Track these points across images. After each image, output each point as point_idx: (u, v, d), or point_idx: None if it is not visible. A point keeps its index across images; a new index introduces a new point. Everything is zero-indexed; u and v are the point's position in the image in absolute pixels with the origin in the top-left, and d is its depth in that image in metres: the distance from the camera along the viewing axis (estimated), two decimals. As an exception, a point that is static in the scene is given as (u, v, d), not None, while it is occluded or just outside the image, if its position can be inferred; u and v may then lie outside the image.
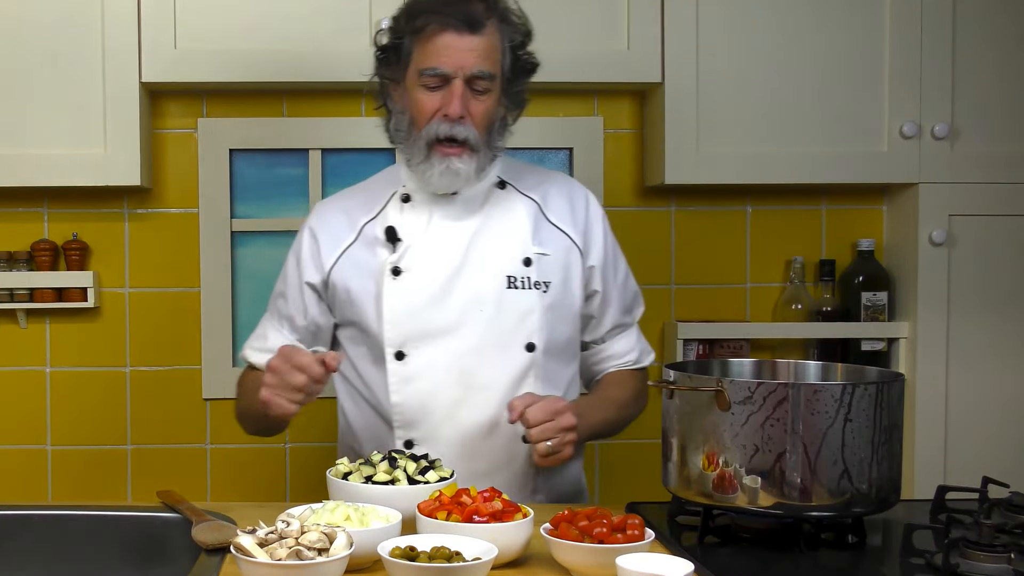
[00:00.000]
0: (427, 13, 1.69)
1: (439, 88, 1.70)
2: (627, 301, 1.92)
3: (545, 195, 1.86)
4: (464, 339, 1.75)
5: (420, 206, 1.80)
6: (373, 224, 1.82)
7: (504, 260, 1.77)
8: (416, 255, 1.77)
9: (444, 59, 1.69)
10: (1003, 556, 1.34)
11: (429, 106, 1.71)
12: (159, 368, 2.54)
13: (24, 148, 2.29)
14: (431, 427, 1.76)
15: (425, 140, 1.71)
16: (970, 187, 2.40)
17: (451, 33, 1.68)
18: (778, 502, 1.43)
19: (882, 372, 1.63)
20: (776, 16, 2.37)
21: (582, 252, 1.84)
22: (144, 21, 2.29)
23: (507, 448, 1.77)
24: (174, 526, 1.62)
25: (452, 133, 1.70)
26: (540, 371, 1.78)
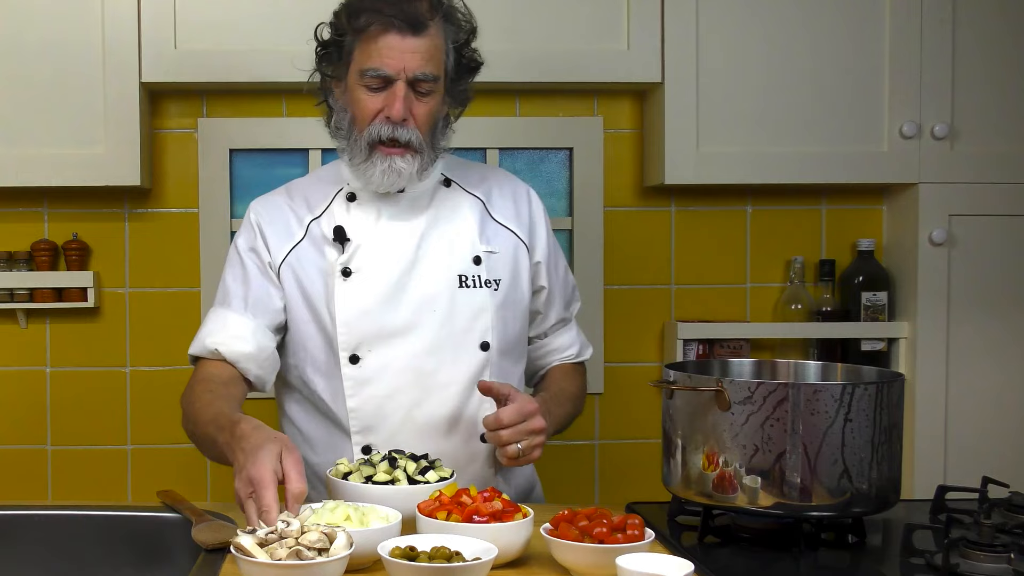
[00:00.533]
0: (369, 12, 1.66)
1: (381, 89, 1.68)
2: (567, 295, 1.93)
3: (488, 192, 1.85)
4: (419, 340, 1.73)
5: (366, 205, 1.78)
6: (318, 223, 1.79)
7: (454, 259, 1.76)
8: (366, 255, 1.75)
9: (387, 60, 1.66)
10: (1003, 556, 1.34)
11: (371, 107, 1.69)
12: (159, 368, 2.54)
13: (24, 148, 2.29)
14: (389, 431, 1.74)
15: (367, 140, 1.70)
16: (970, 187, 2.40)
17: (394, 34, 1.66)
18: (778, 502, 1.43)
19: (882, 372, 1.63)
20: (776, 16, 2.37)
21: (528, 249, 1.84)
22: (144, 21, 2.29)
23: (466, 448, 1.76)
24: (174, 526, 1.62)
25: (394, 135, 1.69)
26: (494, 369, 1.77)
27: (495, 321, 1.77)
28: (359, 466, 1.56)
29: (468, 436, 1.76)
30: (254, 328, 1.75)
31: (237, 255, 1.81)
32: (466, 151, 2.45)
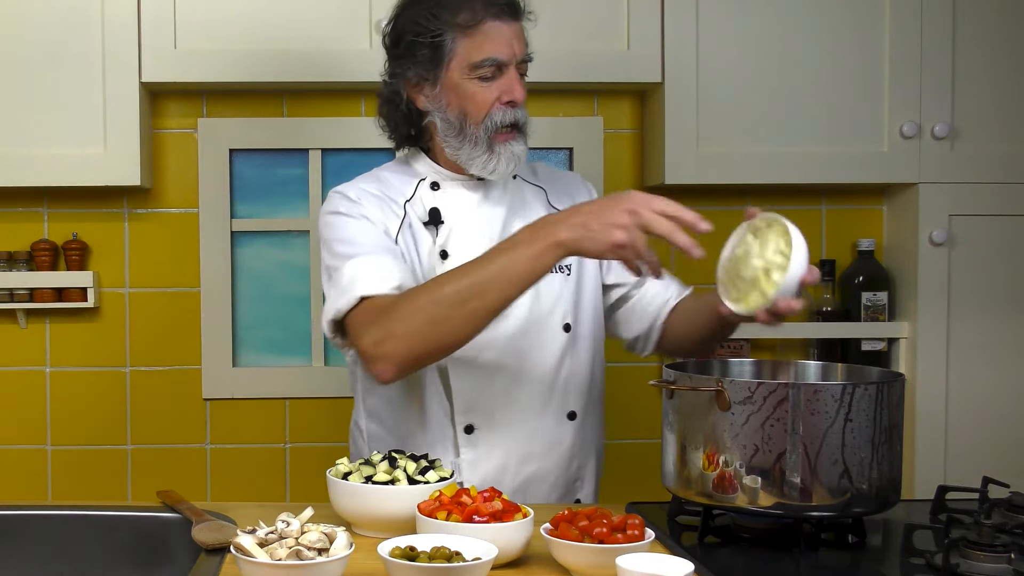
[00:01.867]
0: (471, 6, 1.68)
1: (492, 78, 1.70)
2: None
3: (546, 183, 1.90)
4: (512, 321, 1.76)
5: (451, 192, 1.80)
6: (412, 205, 1.79)
7: None
8: (460, 237, 1.77)
9: (500, 47, 1.68)
10: (1003, 556, 1.34)
11: (487, 97, 1.70)
12: (159, 368, 2.54)
13: (24, 148, 2.29)
14: (490, 410, 1.77)
15: (485, 132, 1.71)
16: (970, 187, 2.40)
17: (500, 21, 1.69)
18: (778, 502, 1.43)
19: (882, 372, 1.63)
20: (776, 16, 2.37)
21: None
22: (144, 21, 2.29)
23: (556, 428, 1.80)
24: (174, 526, 1.62)
25: (516, 119, 1.72)
26: (575, 349, 1.82)
27: (572, 304, 1.81)
28: (359, 466, 1.56)
29: (558, 416, 1.80)
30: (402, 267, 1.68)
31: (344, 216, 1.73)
32: (466, 151, 2.45)
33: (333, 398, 2.54)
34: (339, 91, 2.50)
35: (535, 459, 1.79)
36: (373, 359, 1.61)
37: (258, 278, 2.55)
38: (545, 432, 1.80)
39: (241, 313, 2.55)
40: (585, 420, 1.85)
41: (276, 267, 2.57)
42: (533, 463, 1.79)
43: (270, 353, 2.57)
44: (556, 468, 1.82)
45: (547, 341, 1.80)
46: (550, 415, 1.81)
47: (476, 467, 1.77)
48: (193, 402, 2.54)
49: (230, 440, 2.55)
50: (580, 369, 1.84)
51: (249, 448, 2.55)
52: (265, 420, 2.56)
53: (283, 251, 2.57)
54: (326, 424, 2.55)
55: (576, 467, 1.85)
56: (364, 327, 1.62)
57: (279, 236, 2.56)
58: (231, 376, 2.54)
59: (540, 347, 1.79)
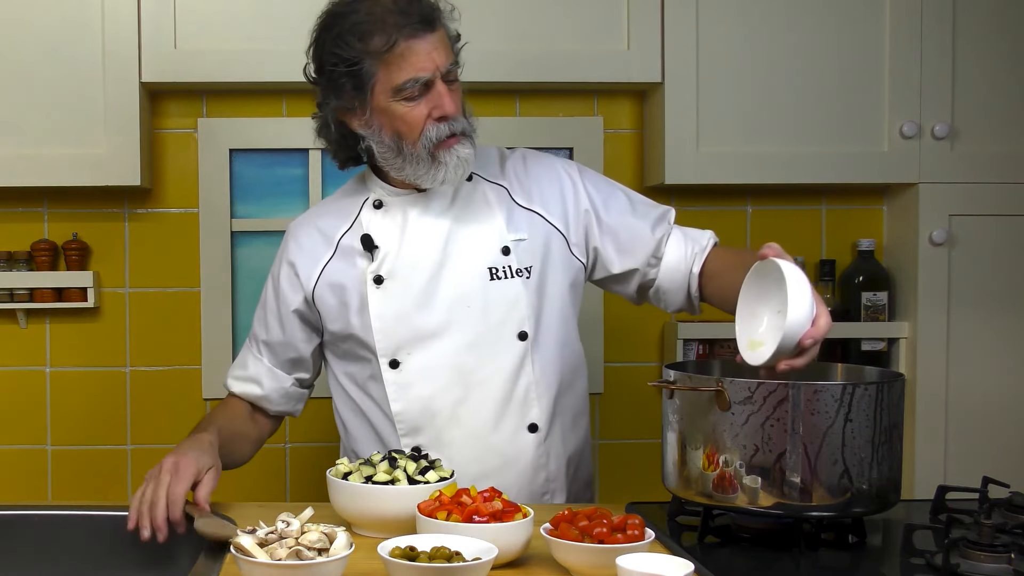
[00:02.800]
0: (383, 29, 1.63)
1: (420, 96, 1.66)
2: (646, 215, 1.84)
3: (511, 178, 1.83)
4: (456, 337, 1.74)
5: (393, 210, 1.78)
6: (349, 235, 1.79)
7: (483, 252, 1.75)
8: (396, 260, 1.75)
9: (422, 65, 1.64)
10: (1003, 556, 1.34)
11: (417, 116, 1.67)
12: (159, 368, 2.54)
13: (24, 148, 2.29)
14: (436, 431, 1.75)
15: (425, 148, 1.68)
16: (970, 187, 2.40)
17: (418, 40, 1.64)
18: (778, 502, 1.43)
19: (882, 372, 1.63)
20: (776, 16, 2.37)
21: (560, 226, 1.81)
22: (144, 21, 2.29)
23: (514, 442, 1.76)
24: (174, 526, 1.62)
25: (451, 131, 1.68)
26: (535, 358, 1.77)
27: (530, 310, 1.76)
28: (359, 466, 1.56)
29: (515, 429, 1.76)
30: (267, 371, 1.85)
31: (264, 292, 1.88)
32: (466, 151, 2.45)
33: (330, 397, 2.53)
34: (339, 91, 2.49)
35: (491, 476, 1.73)
36: None
37: (258, 278, 2.55)
38: (499, 448, 1.76)
39: (241, 313, 2.55)
40: (551, 431, 1.79)
41: (276, 267, 2.56)
42: (489, 480, 1.72)
43: (270, 353, 2.57)
44: (517, 483, 1.76)
45: (500, 352, 1.75)
46: (506, 429, 1.76)
47: None
48: (193, 402, 2.54)
49: (230, 440, 2.55)
50: (544, 378, 1.78)
51: (249, 448, 2.55)
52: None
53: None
54: (326, 424, 2.55)
55: (543, 480, 1.79)
56: None
57: (279, 236, 2.53)
58: (231, 376, 2.54)
59: (491, 359, 1.74)
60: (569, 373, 1.83)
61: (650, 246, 1.82)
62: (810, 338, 1.42)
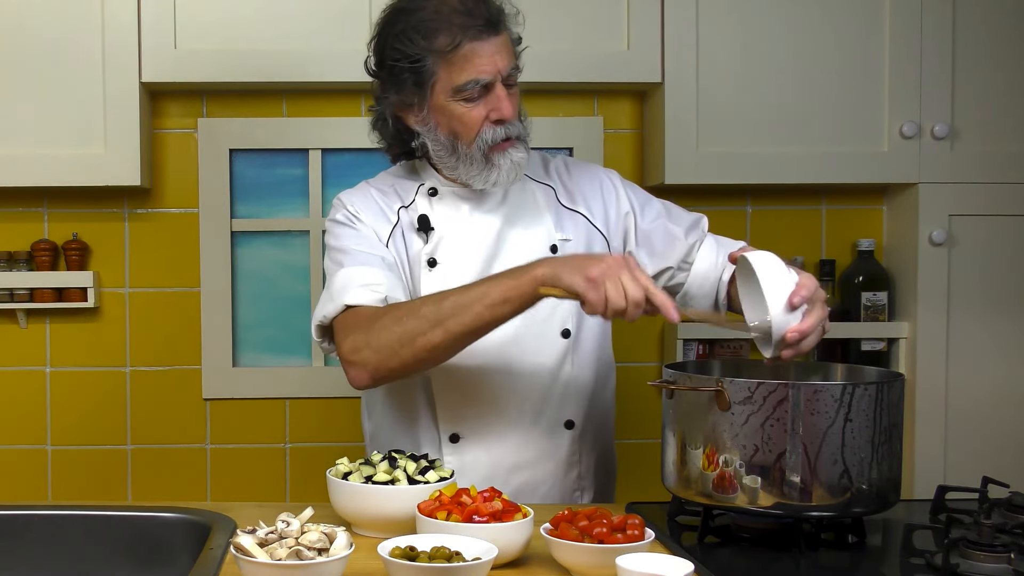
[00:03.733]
0: (448, 28, 1.64)
1: (479, 98, 1.67)
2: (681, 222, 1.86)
3: (557, 179, 1.86)
4: (502, 330, 1.70)
5: (447, 199, 1.79)
6: (407, 211, 1.79)
7: (533, 249, 1.76)
8: (450, 246, 1.76)
9: (482, 68, 1.65)
10: (1003, 556, 1.34)
11: (476, 117, 1.68)
12: (159, 368, 2.54)
13: (24, 148, 2.29)
14: (477, 419, 1.76)
15: (480, 151, 1.69)
16: (970, 187, 2.40)
17: (481, 42, 1.64)
18: (778, 502, 1.43)
19: (882, 372, 1.63)
20: (776, 16, 2.37)
21: (602, 229, 1.83)
22: (144, 21, 2.29)
23: (550, 437, 1.77)
24: (174, 526, 1.62)
25: (507, 134, 1.69)
26: (575, 356, 1.79)
27: (574, 308, 1.77)
28: (359, 466, 1.56)
29: (553, 424, 1.77)
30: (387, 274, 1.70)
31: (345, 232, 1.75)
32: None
33: (333, 398, 2.54)
34: (339, 91, 2.50)
35: (525, 469, 1.76)
36: (349, 365, 1.65)
37: (258, 278, 2.55)
38: (537, 441, 1.77)
39: (241, 313, 2.55)
40: (585, 429, 1.81)
41: (276, 267, 2.57)
42: (523, 473, 1.76)
43: (270, 353, 2.57)
44: (550, 478, 1.78)
45: (544, 347, 1.77)
46: (544, 423, 1.77)
47: (462, 475, 1.75)
48: (193, 402, 2.54)
49: (230, 440, 2.55)
50: (582, 376, 1.80)
51: (249, 448, 2.55)
52: (265, 420, 2.56)
53: (283, 251, 2.57)
54: (326, 424, 2.55)
55: (575, 477, 1.80)
56: (345, 333, 1.65)
57: (279, 236, 2.56)
58: (231, 376, 2.54)
59: (535, 354, 1.76)
60: (604, 373, 1.86)
61: (682, 250, 1.85)
62: (794, 332, 1.44)
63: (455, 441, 1.76)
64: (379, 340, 1.61)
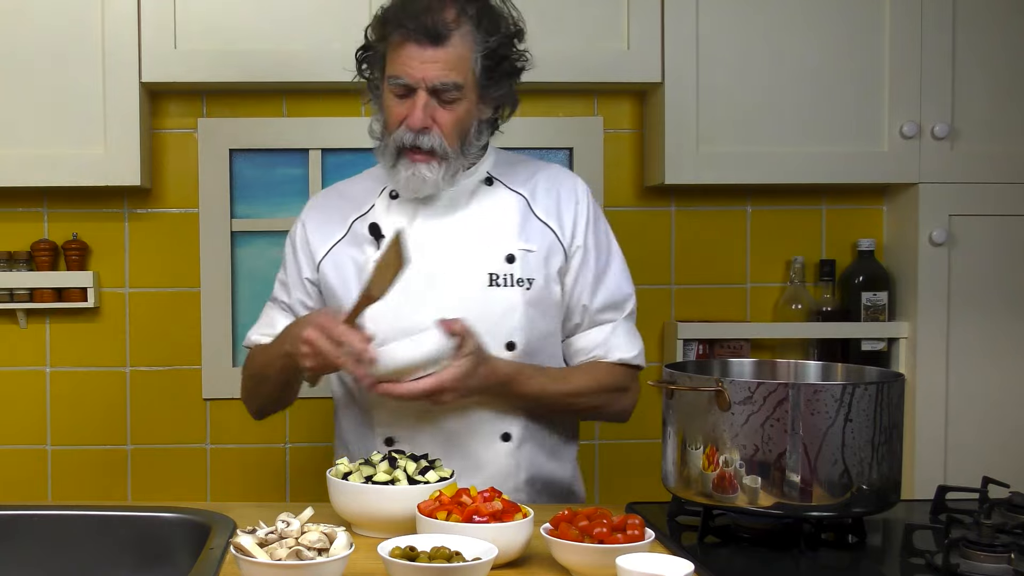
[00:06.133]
0: (393, 22, 1.69)
1: (405, 96, 1.71)
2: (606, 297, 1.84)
3: (534, 189, 1.84)
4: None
5: (406, 203, 1.80)
6: (362, 221, 1.83)
7: (487, 258, 1.76)
8: None
9: (407, 70, 1.69)
10: (1003, 556, 1.34)
11: (397, 113, 1.72)
12: (159, 368, 2.54)
13: (24, 148, 2.29)
14: (411, 427, 1.76)
15: (394, 145, 1.72)
16: (970, 187, 2.40)
17: (413, 45, 1.68)
18: (778, 502, 1.43)
19: (882, 372, 1.63)
20: (776, 16, 2.37)
21: (564, 246, 1.81)
22: (144, 21, 2.29)
23: (486, 448, 1.77)
24: (174, 526, 1.62)
25: (417, 142, 1.70)
26: None
27: (523, 321, 1.76)
28: (359, 466, 1.56)
29: (489, 436, 1.77)
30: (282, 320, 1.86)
31: (283, 255, 1.91)
32: (466, 151, 2.45)
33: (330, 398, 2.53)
34: (339, 91, 2.49)
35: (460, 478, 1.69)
36: None
37: (258, 278, 2.55)
38: (473, 452, 1.76)
39: (241, 313, 2.55)
40: (525, 443, 1.79)
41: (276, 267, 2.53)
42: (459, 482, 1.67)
43: (270, 353, 2.57)
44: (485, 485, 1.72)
45: None
46: (481, 434, 1.75)
47: None
48: (193, 402, 2.54)
49: (230, 440, 2.55)
50: None
51: (249, 448, 2.55)
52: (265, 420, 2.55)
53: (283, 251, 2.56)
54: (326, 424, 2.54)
55: (511, 489, 1.76)
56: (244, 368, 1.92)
57: (279, 236, 2.55)
58: (231, 376, 2.53)
59: None
60: None
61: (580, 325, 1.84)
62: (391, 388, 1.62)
63: (390, 444, 1.77)
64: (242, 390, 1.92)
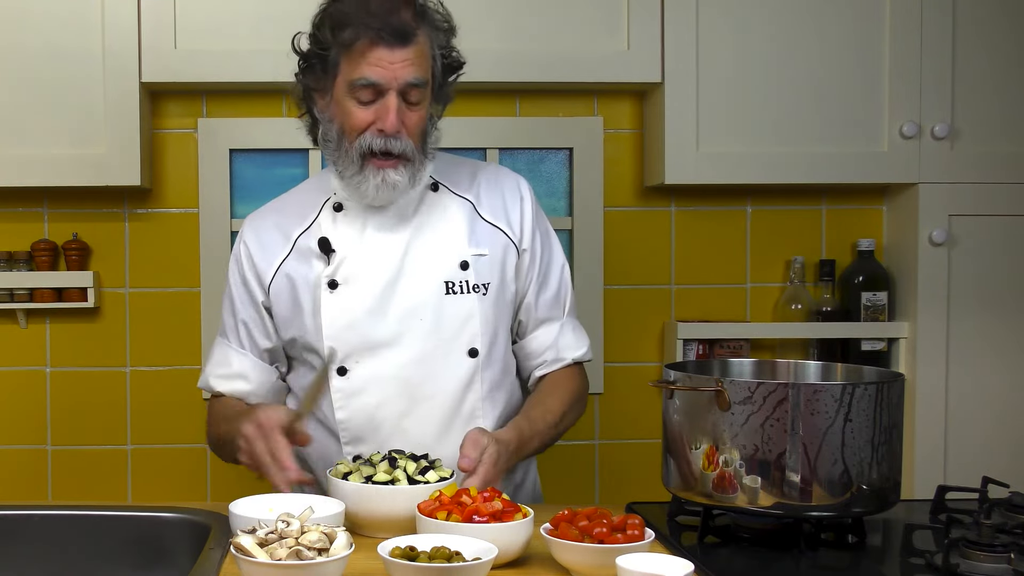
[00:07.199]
0: (355, 26, 1.64)
1: (371, 101, 1.67)
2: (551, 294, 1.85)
3: (478, 193, 1.83)
4: (405, 350, 1.72)
5: (353, 215, 1.77)
6: (307, 235, 1.79)
7: (440, 266, 1.74)
8: (352, 267, 1.74)
9: (377, 71, 1.64)
10: (1003, 556, 1.34)
11: (362, 119, 1.67)
12: (159, 368, 2.54)
13: (24, 148, 2.29)
14: (379, 441, 1.74)
15: (358, 152, 1.68)
16: (970, 187, 2.40)
17: (382, 47, 1.64)
18: (778, 502, 1.43)
19: (882, 372, 1.63)
20: (776, 16, 2.37)
21: (517, 247, 1.81)
22: (144, 21, 2.29)
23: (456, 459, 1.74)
24: (174, 526, 1.62)
25: (387, 147, 1.67)
26: (485, 375, 1.76)
27: (483, 327, 1.75)
28: (359, 466, 1.56)
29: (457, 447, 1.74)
30: (252, 364, 1.82)
31: (229, 286, 1.85)
32: (467, 151, 2.45)
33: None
34: (339, 91, 2.49)
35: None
36: None
37: (258, 278, 2.55)
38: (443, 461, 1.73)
39: (241, 313, 2.55)
40: None
41: (276, 267, 2.56)
42: None
43: (270, 353, 2.57)
44: None
45: (449, 367, 1.74)
46: (450, 444, 1.73)
47: None
48: (193, 402, 2.54)
49: (230, 440, 2.55)
50: (491, 396, 1.77)
51: (249, 448, 2.54)
52: None
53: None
54: (326, 424, 2.55)
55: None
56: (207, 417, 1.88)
57: (279, 236, 2.55)
58: (231, 376, 2.53)
59: (440, 374, 1.73)
60: (517, 392, 1.84)
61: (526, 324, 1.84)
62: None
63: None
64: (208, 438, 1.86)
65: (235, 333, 1.83)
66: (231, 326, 1.83)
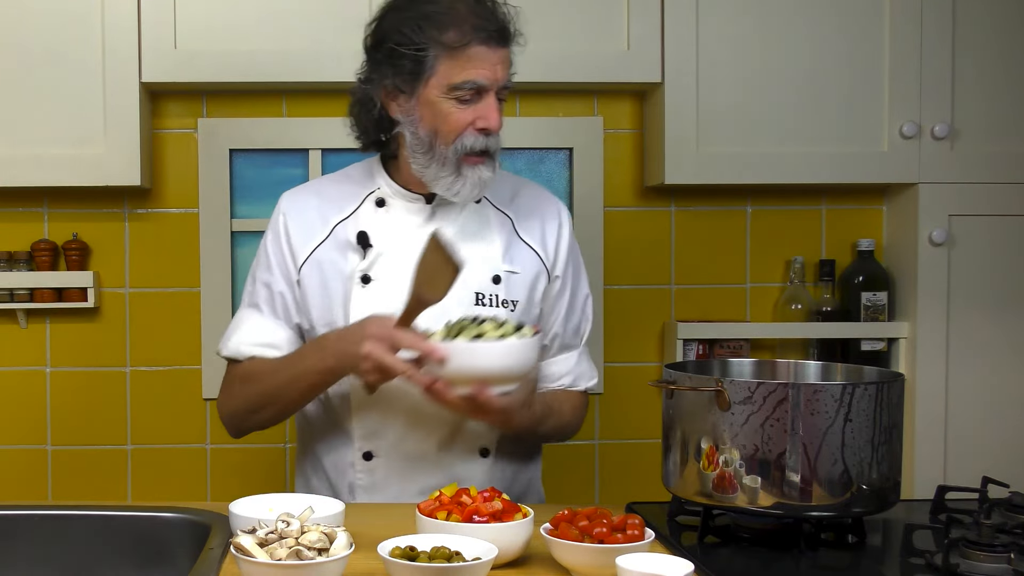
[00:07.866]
0: (460, 27, 1.63)
1: (470, 101, 1.66)
2: (575, 322, 1.87)
3: (518, 210, 1.83)
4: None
5: (395, 212, 1.77)
6: (344, 225, 1.77)
7: (474, 277, 1.73)
8: (387, 264, 1.74)
9: (482, 72, 1.64)
10: (1003, 556, 1.34)
11: (462, 119, 1.66)
12: (159, 368, 2.54)
13: (24, 148, 2.29)
14: (391, 440, 1.75)
15: (454, 153, 1.67)
16: (970, 187, 2.40)
17: (486, 47, 1.64)
18: (778, 502, 1.43)
19: (882, 372, 1.63)
20: (776, 16, 2.37)
21: (548, 271, 1.82)
22: (144, 21, 2.29)
23: (464, 464, 1.76)
24: (174, 526, 1.62)
25: (487, 146, 1.68)
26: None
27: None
28: (448, 330, 1.56)
29: (467, 452, 1.76)
30: (287, 337, 1.78)
31: (265, 254, 1.81)
32: (466, 151, 2.45)
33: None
34: (339, 91, 2.47)
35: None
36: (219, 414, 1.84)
37: (258, 278, 2.55)
38: (451, 467, 1.75)
39: (241, 313, 2.55)
40: (501, 457, 1.79)
41: (276, 267, 2.56)
42: None
43: (270, 353, 2.56)
44: None
45: None
46: (458, 450, 1.74)
47: (373, 493, 1.75)
48: (193, 402, 2.54)
49: (230, 440, 2.54)
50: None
51: (249, 448, 2.55)
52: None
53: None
54: (326, 424, 2.55)
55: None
56: (222, 387, 1.84)
57: (279, 236, 2.55)
58: (231, 376, 2.53)
59: None
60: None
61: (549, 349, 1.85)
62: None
63: (368, 459, 1.76)
64: (229, 407, 1.81)
65: (270, 304, 1.79)
66: (265, 297, 1.79)
